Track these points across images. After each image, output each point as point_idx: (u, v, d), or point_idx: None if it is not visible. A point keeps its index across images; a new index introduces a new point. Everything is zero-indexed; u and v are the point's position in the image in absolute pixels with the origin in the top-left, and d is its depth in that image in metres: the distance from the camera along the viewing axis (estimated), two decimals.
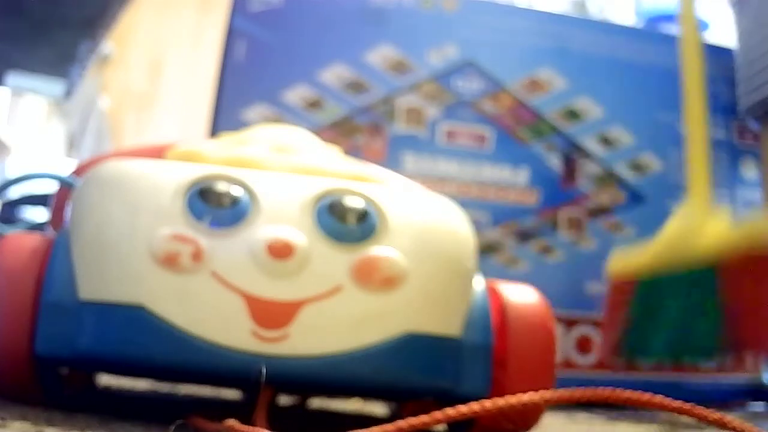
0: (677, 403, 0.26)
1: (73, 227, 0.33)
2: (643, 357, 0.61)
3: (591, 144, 0.78)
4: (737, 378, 0.77)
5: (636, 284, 0.59)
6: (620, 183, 0.78)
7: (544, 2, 1.10)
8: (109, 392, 0.50)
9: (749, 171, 0.81)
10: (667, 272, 0.58)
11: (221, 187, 0.33)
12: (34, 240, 0.34)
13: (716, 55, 0.82)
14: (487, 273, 0.38)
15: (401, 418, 0.26)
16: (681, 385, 0.75)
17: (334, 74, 0.75)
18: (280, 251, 0.31)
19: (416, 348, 0.32)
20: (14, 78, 2.87)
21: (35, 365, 0.32)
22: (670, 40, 0.85)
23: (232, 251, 0.31)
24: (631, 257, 0.60)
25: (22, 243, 0.33)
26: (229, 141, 0.40)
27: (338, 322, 0.31)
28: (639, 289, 0.59)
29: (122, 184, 0.33)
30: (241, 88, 0.74)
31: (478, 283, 0.36)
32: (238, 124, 0.71)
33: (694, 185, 0.60)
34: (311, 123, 0.73)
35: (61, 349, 0.31)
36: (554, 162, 0.77)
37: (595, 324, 0.74)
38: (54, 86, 2.84)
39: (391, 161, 0.74)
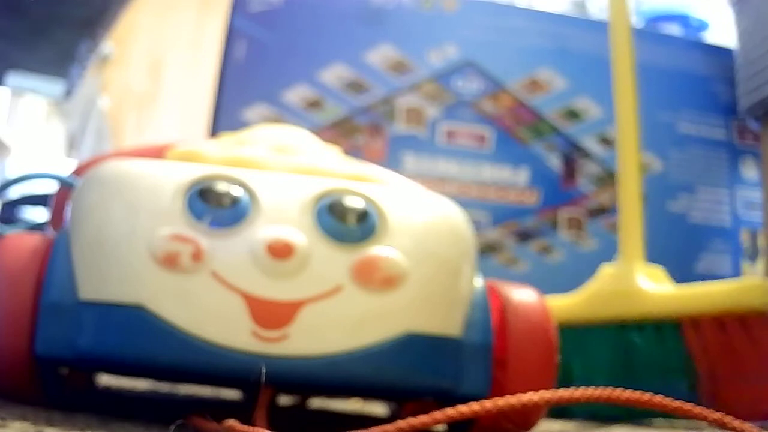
0: (677, 403, 0.26)
1: (73, 227, 0.33)
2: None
3: (591, 144, 0.78)
4: None
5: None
6: None
7: (544, 2, 1.10)
8: (109, 392, 0.50)
9: (749, 171, 0.81)
10: (595, 323, 0.57)
11: (221, 187, 0.33)
12: (34, 240, 0.34)
13: (716, 55, 0.82)
14: (487, 273, 0.38)
15: (401, 418, 0.26)
16: None
17: (334, 74, 0.75)
18: (280, 251, 0.31)
19: (416, 348, 0.32)
20: (14, 78, 2.87)
21: (35, 365, 0.32)
22: (670, 40, 0.85)
23: (232, 251, 0.31)
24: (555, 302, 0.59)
25: (22, 243, 0.33)
26: (229, 141, 0.40)
27: (338, 322, 0.31)
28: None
29: (122, 184, 0.33)
30: (241, 88, 0.74)
31: (478, 283, 0.36)
32: (238, 124, 0.71)
33: (625, 240, 0.59)
34: (311, 123, 0.73)
35: (61, 350, 0.31)
36: (554, 162, 0.77)
37: None
38: (54, 86, 2.84)
39: (391, 161, 0.74)
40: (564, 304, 0.59)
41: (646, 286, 0.56)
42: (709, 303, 0.52)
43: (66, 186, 0.41)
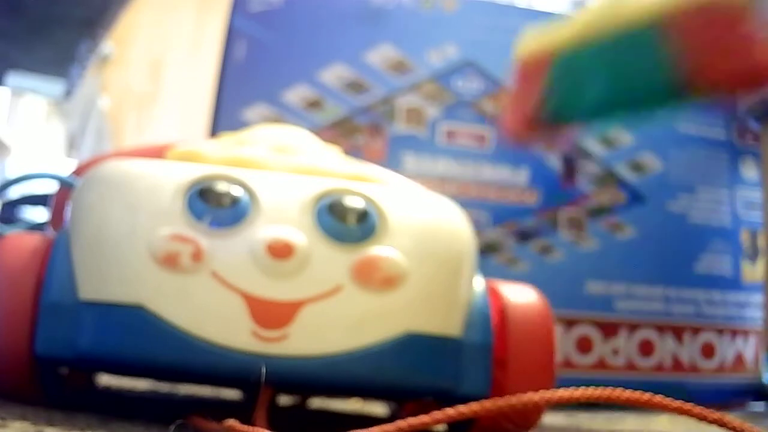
0: (677, 403, 0.26)
1: (73, 227, 0.33)
2: (571, 119, 0.54)
3: (591, 144, 0.78)
4: (737, 378, 0.77)
5: (554, 58, 0.54)
6: (620, 183, 0.78)
7: (544, 2, 1.10)
8: (109, 392, 0.51)
9: (749, 171, 0.81)
10: (594, 42, 0.55)
11: (221, 187, 0.33)
12: (34, 240, 0.34)
13: None
14: (487, 273, 0.38)
15: (401, 418, 0.26)
16: (681, 386, 0.75)
17: (334, 74, 0.75)
18: (280, 251, 0.31)
19: (416, 348, 0.32)
20: (14, 78, 2.87)
21: (35, 365, 0.32)
22: None
23: (232, 251, 0.31)
24: (545, 35, 0.55)
25: (22, 243, 0.33)
26: (229, 141, 0.40)
27: (338, 322, 0.31)
28: (559, 62, 0.54)
29: (122, 184, 0.33)
30: (241, 88, 0.74)
31: (478, 283, 0.36)
32: (238, 124, 0.71)
33: None
34: (311, 123, 0.73)
35: (61, 350, 0.31)
36: (554, 162, 0.77)
37: (595, 324, 0.74)
38: (54, 86, 2.84)
39: (391, 161, 0.74)
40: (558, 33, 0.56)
41: None
42: None
43: (66, 186, 0.41)
